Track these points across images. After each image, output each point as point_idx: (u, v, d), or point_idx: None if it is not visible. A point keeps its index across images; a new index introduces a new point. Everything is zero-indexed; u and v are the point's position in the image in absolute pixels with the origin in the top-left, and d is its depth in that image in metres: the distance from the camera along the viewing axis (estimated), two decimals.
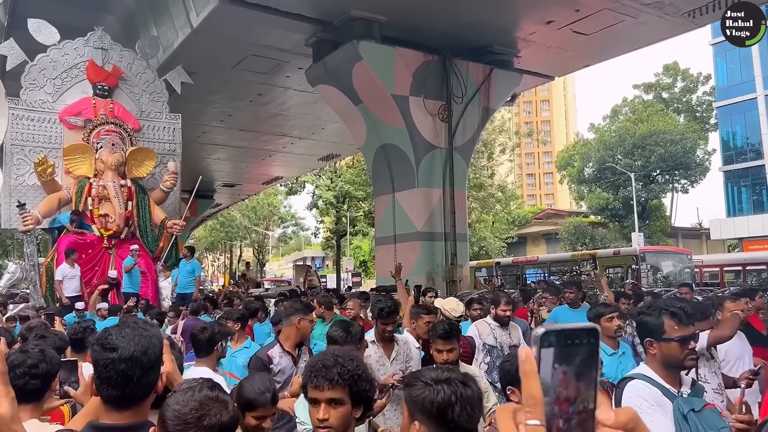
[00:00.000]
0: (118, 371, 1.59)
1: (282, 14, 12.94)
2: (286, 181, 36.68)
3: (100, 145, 12.33)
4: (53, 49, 12.67)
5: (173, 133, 13.84)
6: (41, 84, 12.56)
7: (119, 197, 12.13)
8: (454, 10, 12.96)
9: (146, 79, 13.59)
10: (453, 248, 14.18)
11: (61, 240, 11.71)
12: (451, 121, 14.41)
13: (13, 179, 12.28)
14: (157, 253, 12.46)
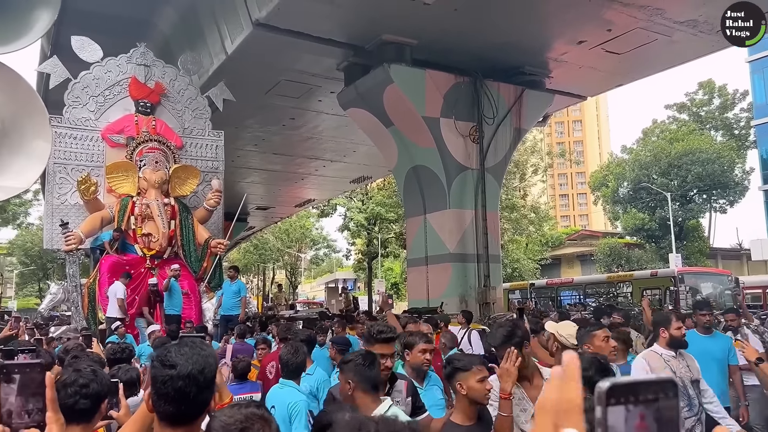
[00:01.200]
0: (175, 388, 1.63)
1: (314, 39, 13.15)
2: (318, 204, 36.95)
3: (143, 163, 12.06)
4: (96, 66, 12.51)
5: (216, 151, 13.62)
6: (84, 101, 12.38)
7: (162, 216, 11.82)
8: (484, 32, 12.99)
9: (189, 95, 13.43)
10: (486, 270, 14.03)
11: (104, 260, 11.43)
12: (483, 142, 14.37)
13: (55, 198, 12.04)
14: (201, 273, 12.11)
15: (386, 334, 3.47)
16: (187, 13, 14.61)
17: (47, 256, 50.25)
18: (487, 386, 2.94)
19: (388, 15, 12.30)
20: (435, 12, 11.96)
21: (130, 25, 12.86)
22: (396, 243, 38.15)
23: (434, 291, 14.10)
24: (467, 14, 12.21)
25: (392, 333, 3.51)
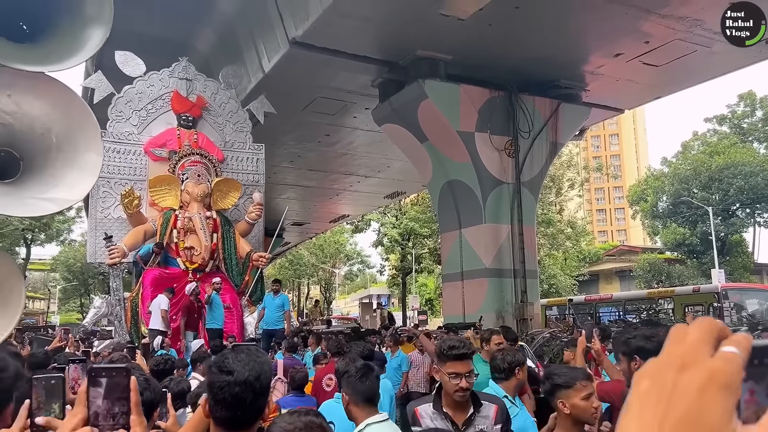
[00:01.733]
0: (232, 394, 1.67)
1: (349, 57, 13.29)
2: (352, 219, 37.09)
3: (185, 177, 12.05)
4: (139, 81, 12.65)
5: (257, 164, 13.58)
6: (127, 116, 12.51)
7: (205, 229, 11.77)
8: (519, 47, 12.96)
9: (230, 109, 13.46)
10: (523, 285, 13.85)
11: (146, 274, 11.39)
12: (518, 156, 14.27)
13: (98, 212, 12.10)
14: (243, 287, 11.98)
15: (459, 349, 2.99)
16: (226, 33, 14.96)
17: (89, 272, 51.57)
18: (594, 404, 2.66)
19: (423, 31, 12.37)
20: (469, 27, 11.98)
21: (169, 47, 13.15)
22: (430, 258, 38.02)
23: (470, 306, 13.96)
24: (501, 29, 12.21)
25: (467, 348, 3.04)
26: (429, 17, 11.65)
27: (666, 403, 0.52)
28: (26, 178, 3.17)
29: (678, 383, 0.52)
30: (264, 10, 12.92)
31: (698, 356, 0.53)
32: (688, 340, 0.55)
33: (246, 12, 13.82)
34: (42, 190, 3.08)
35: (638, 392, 0.55)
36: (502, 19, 11.80)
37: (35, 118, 3.11)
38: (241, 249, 12.13)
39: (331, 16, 11.53)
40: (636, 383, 0.56)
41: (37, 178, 3.14)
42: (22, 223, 34.69)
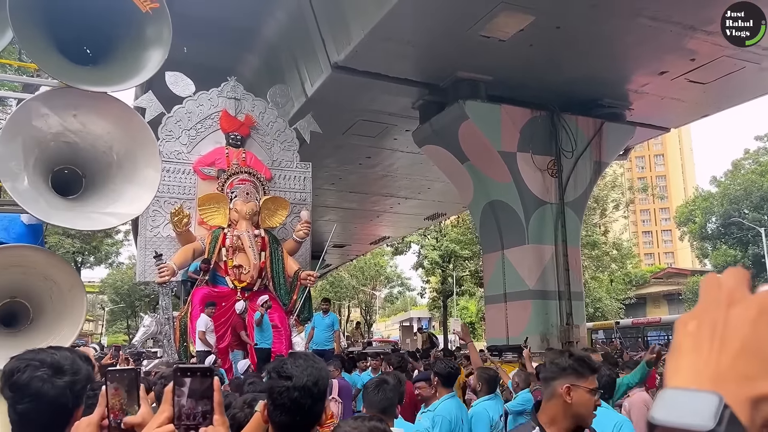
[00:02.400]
0: (291, 399, 1.70)
1: (390, 80, 13.45)
2: (392, 241, 37.16)
3: (234, 195, 12.00)
4: (189, 101, 12.73)
5: (304, 182, 13.55)
6: (177, 135, 12.56)
7: (253, 247, 11.64)
8: (560, 67, 12.91)
9: (277, 128, 13.42)
10: (568, 307, 13.59)
11: (195, 292, 11.32)
12: (562, 176, 14.12)
13: (148, 231, 12.10)
14: (290, 306, 11.78)
15: (595, 363, 2.54)
16: (270, 59, 15.36)
17: (135, 294, 52.91)
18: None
19: (463, 53, 12.45)
20: (510, 48, 12.01)
21: (214, 73, 13.47)
22: (471, 281, 37.69)
23: (514, 329, 13.76)
24: (542, 49, 12.20)
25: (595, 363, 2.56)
26: (469, 39, 11.73)
27: (720, 337, 0.54)
28: (89, 193, 3.31)
29: (729, 318, 0.55)
30: (307, 35, 13.22)
31: (742, 294, 0.56)
32: (726, 284, 0.58)
33: (289, 38, 14.18)
34: (103, 204, 3.22)
35: (686, 332, 0.57)
36: (543, 40, 11.79)
37: (98, 136, 3.26)
38: (288, 267, 12.00)
39: (373, 41, 11.72)
40: (681, 325, 0.58)
41: (99, 194, 3.28)
42: (73, 246, 35.90)
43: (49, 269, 3.17)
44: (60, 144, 3.24)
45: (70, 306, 3.19)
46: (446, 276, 37.92)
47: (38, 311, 3.33)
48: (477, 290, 39.46)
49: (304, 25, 13.11)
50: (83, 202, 3.20)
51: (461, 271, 37.86)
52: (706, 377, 0.53)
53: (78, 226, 3.23)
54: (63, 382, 1.65)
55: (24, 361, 1.67)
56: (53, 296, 3.24)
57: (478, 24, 11.19)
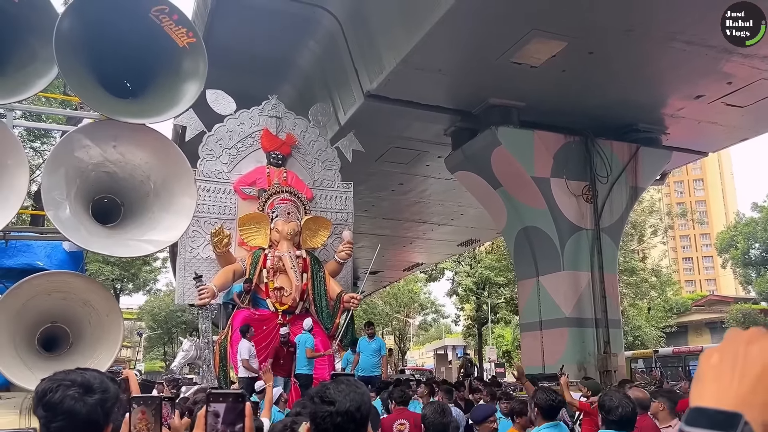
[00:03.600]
0: (334, 424, 1.71)
1: (423, 107, 13.54)
2: (425, 268, 37.01)
3: (275, 215, 11.76)
4: (230, 119, 12.64)
5: (345, 202, 13.29)
6: (217, 154, 12.45)
7: (295, 268, 11.30)
8: (594, 91, 12.84)
9: (319, 147, 13.30)
10: (605, 335, 13.29)
11: (236, 315, 11.01)
12: (597, 202, 13.94)
13: (187, 252, 11.85)
14: (333, 330, 11.34)
15: None
16: (304, 89, 15.64)
17: (172, 321, 53.62)
18: None
19: (495, 80, 12.49)
20: (542, 74, 12.00)
21: (250, 102, 13.77)
22: (506, 308, 37.24)
23: (550, 357, 13.51)
24: (575, 74, 12.15)
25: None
26: (501, 66, 11.77)
27: (740, 369, 0.64)
28: (127, 221, 3.41)
29: (748, 353, 0.65)
30: (340, 65, 13.45)
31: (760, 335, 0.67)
32: (746, 332, 0.68)
33: (323, 67, 14.44)
34: (141, 232, 3.31)
35: (709, 364, 0.67)
36: (575, 65, 11.76)
37: (136, 166, 3.37)
38: (331, 290, 11.65)
39: (405, 69, 11.85)
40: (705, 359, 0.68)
41: (137, 222, 3.38)
42: (113, 273, 36.70)
43: (89, 295, 3.27)
44: (100, 174, 3.36)
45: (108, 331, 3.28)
46: (481, 303, 37.53)
47: (77, 336, 3.42)
48: (512, 318, 38.95)
49: (338, 54, 13.35)
50: (122, 229, 3.30)
51: (496, 298, 37.44)
52: (728, 401, 0.62)
53: (117, 253, 3.33)
54: (93, 400, 1.71)
55: (55, 382, 1.73)
56: (92, 321, 3.33)
57: (509, 51, 11.24)
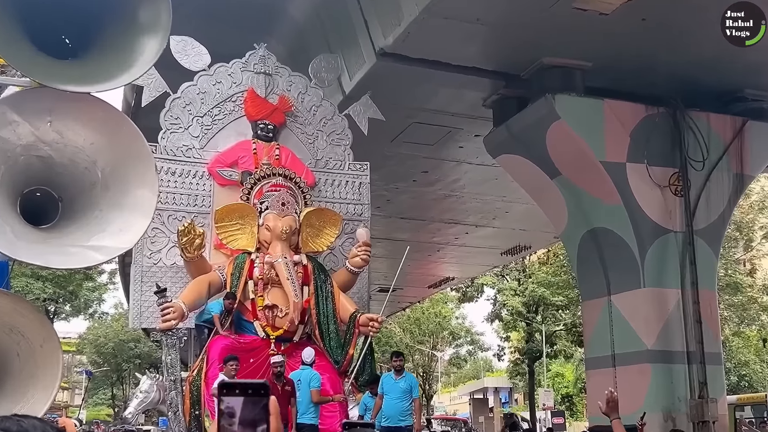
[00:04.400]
0: None
1: (454, 69, 13.54)
2: (458, 284, 36.98)
3: (264, 206, 11.21)
4: (202, 77, 12.12)
5: (359, 190, 12.83)
6: (186, 124, 11.91)
7: (293, 280, 10.72)
8: (684, 47, 12.77)
9: (323, 114, 12.80)
10: (701, 374, 13.23)
11: (213, 344, 10.48)
12: (689, 195, 13.87)
13: (145, 258, 11.31)
14: (345, 364, 10.89)
15: None
16: (296, 47, 15.64)
17: (123, 354, 54.12)
18: None
19: (552, 32, 12.47)
20: (615, 24, 11.96)
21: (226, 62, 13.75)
22: (567, 338, 37.10)
23: (626, 403, 13.35)
24: (659, 25, 12.11)
25: None
26: (560, 14, 11.74)
27: None
28: (66, 222, 3.46)
29: None
30: (345, 14, 13.50)
31: None
32: None
33: (322, 17, 14.48)
34: (85, 236, 3.35)
35: None
36: (660, 11, 11.72)
37: (79, 149, 3.41)
38: (342, 309, 11.15)
39: (431, 19, 11.85)
40: None
41: (79, 222, 3.42)
42: (44, 292, 37.07)
43: (16, 319, 3.31)
44: (31, 159, 3.40)
45: (43, 366, 3.31)
46: (533, 331, 37.45)
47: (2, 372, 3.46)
48: (576, 350, 38.76)
49: (342, 0, 13.39)
50: (59, 232, 3.34)
51: (553, 325, 37.32)
52: None
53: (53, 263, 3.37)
54: None
55: None
56: (21, 353, 3.37)
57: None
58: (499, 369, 55.08)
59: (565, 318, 36.61)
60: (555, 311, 36.70)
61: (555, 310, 36.62)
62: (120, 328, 53.30)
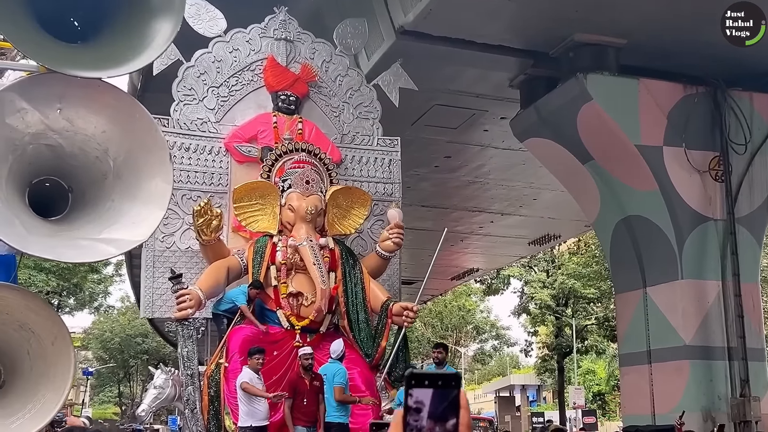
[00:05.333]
0: None
1: (478, 48, 13.55)
2: (483, 276, 36.95)
3: (287, 185, 10.87)
4: (218, 43, 11.81)
5: (390, 167, 12.58)
6: (200, 95, 11.62)
7: (320, 265, 10.40)
8: None
9: (349, 84, 12.52)
10: (743, 372, 13.22)
11: (233, 335, 10.17)
12: (730, 181, 13.81)
13: (158, 241, 10.92)
14: (377, 358, 10.58)
15: None
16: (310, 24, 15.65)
17: (130, 350, 54.58)
18: None
19: (583, 7, 12.44)
20: None
21: None
22: (599, 333, 36.98)
23: (663, 402, 13.47)
24: None
25: None
26: None
27: None
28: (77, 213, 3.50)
29: None
30: None
31: None
32: None
33: None
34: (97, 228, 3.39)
35: None
36: None
37: (89, 137, 3.45)
38: (373, 297, 10.81)
39: None
40: None
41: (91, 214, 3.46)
42: (48, 284, 37.37)
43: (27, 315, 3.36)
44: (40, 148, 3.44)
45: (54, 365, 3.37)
46: (563, 325, 37.38)
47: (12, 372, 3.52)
48: (609, 346, 38.68)
49: None
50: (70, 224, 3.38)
51: (584, 319, 37.24)
52: None
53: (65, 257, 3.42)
54: None
55: None
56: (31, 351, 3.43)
57: None
58: (527, 365, 55.06)
59: (596, 312, 36.56)
60: (586, 304, 36.66)
61: (586, 303, 36.58)
62: (127, 323, 53.71)
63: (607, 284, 30.93)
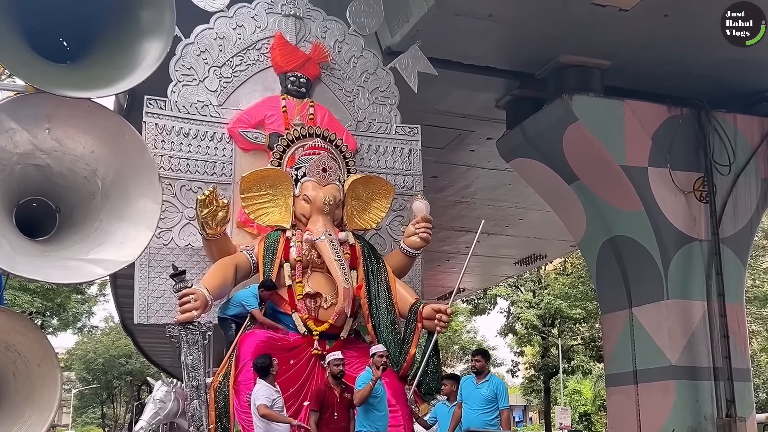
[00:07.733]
0: None
1: (465, 69, 13.58)
2: (469, 296, 36.95)
3: (300, 173, 9.86)
4: (220, 18, 10.77)
5: (409, 158, 11.61)
6: (200, 75, 10.61)
7: (341, 261, 9.35)
8: (709, 44, 12.73)
9: (364, 67, 11.60)
10: (729, 392, 13.21)
11: (243, 340, 8.98)
12: (715, 201, 13.88)
13: (155, 236, 9.17)
14: (406, 367, 9.23)
15: None
16: None
17: (113, 371, 54.12)
18: None
19: (568, 29, 12.47)
20: (636, 21, 11.95)
21: None
22: (585, 353, 37.03)
23: (649, 423, 13.46)
24: (682, 21, 12.10)
25: None
26: (577, 10, 11.77)
27: None
28: (65, 234, 3.49)
29: None
30: None
31: None
32: None
33: None
34: (85, 249, 3.38)
35: None
36: (683, 6, 11.73)
37: (78, 157, 3.45)
38: (400, 299, 9.65)
39: (440, 15, 11.87)
40: None
41: (78, 234, 3.45)
42: (32, 305, 37.02)
43: (14, 337, 3.32)
44: (28, 168, 3.43)
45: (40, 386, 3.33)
46: (549, 345, 37.41)
47: None
48: (595, 366, 38.70)
49: None
50: (57, 245, 3.37)
51: (570, 339, 37.30)
52: None
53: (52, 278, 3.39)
54: None
55: None
56: (17, 373, 3.38)
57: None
58: (513, 386, 54.91)
59: (583, 332, 36.64)
60: (572, 324, 36.72)
61: (572, 324, 36.65)
62: (110, 343, 53.30)
63: (594, 304, 30.98)
